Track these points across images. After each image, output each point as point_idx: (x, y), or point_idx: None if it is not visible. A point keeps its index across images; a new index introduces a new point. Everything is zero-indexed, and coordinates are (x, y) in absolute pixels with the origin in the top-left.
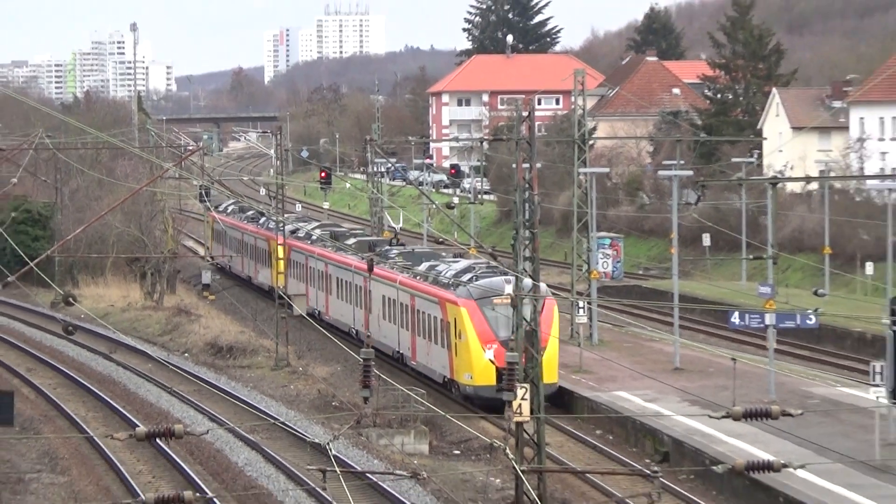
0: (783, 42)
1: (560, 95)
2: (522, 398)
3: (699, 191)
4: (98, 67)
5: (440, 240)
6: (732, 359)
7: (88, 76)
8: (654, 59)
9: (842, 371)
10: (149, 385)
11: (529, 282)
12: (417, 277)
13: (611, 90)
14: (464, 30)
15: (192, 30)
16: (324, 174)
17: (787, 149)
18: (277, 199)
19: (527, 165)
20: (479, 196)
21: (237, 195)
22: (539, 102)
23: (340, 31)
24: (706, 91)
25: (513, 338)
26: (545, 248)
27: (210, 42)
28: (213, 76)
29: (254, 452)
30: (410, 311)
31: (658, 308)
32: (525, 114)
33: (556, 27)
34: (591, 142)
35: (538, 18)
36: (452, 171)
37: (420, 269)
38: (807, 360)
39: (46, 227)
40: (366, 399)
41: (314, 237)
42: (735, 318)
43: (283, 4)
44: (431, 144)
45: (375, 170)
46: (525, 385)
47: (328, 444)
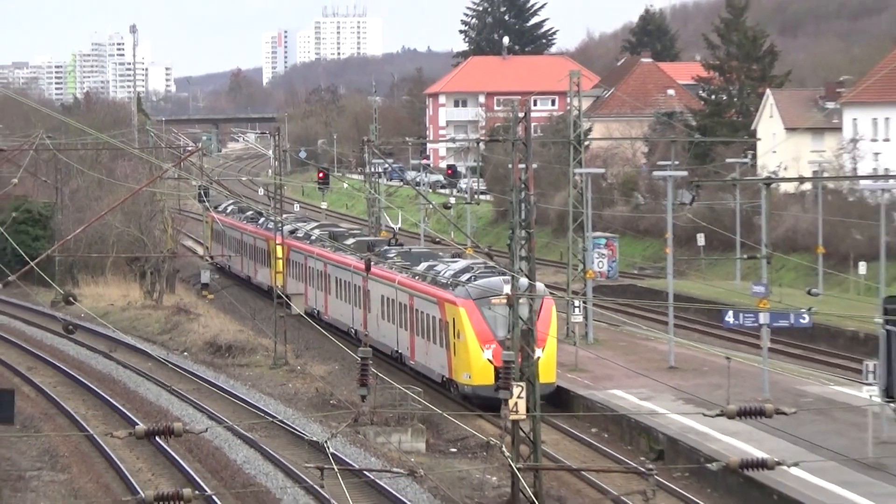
0: (777, 43)
1: (556, 96)
2: (518, 397)
3: (694, 191)
4: (98, 69)
5: (437, 239)
6: (727, 357)
7: (88, 77)
8: (649, 61)
9: (835, 370)
10: (148, 383)
11: (527, 282)
12: (416, 277)
13: (606, 91)
14: (460, 31)
15: (192, 31)
16: (322, 175)
17: (781, 149)
18: (276, 200)
19: (523, 166)
20: (476, 196)
21: (236, 195)
22: (535, 103)
23: (338, 33)
24: (701, 92)
25: (509, 337)
26: (541, 248)
27: (209, 44)
28: (212, 77)
29: (252, 450)
30: (409, 311)
31: (653, 307)
32: (521, 115)
33: (552, 29)
34: (587, 142)
35: (534, 20)
36: (449, 172)
37: (419, 269)
38: (800, 359)
39: (47, 227)
40: (363, 397)
41: (313, 237)
42: (729, 318)
43: (282, 6)
44: (428, 145)
45: (373, 170)
46: (521, 384)
47: (326, 442)
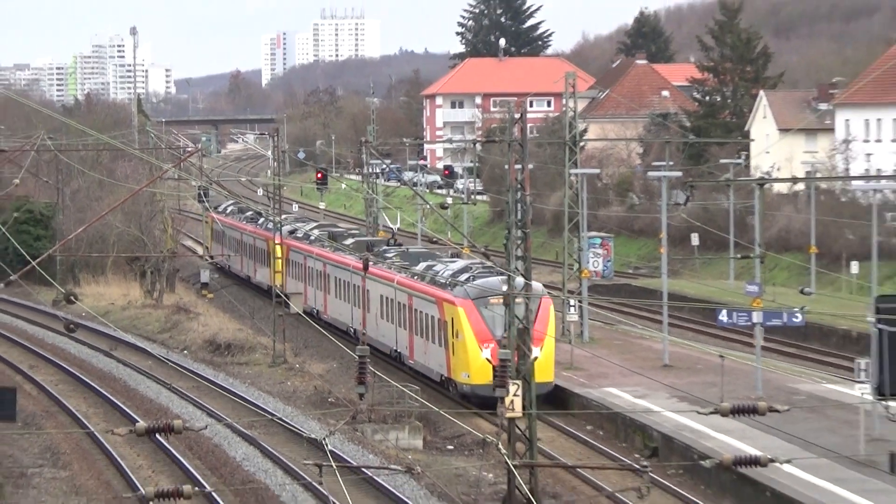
0: (770, 45)
1: (551, 98)
2: (514, 394)
3: (688, 191)
4: (98, 70)
5: (434, 239)
6: (720, 356)
7: (89, 79)
8: (644, 62)
9: (827, 368)
10: (149, 381)
11: (523, 281)
12: (415, 277)
13: (601, 93)
14: (457, 33)
15: (191, 34)
16: (320, 175)
17: (774, 150)
18: (275, 200)
19: (519, 166)
20: (473, 196)
21: (235, 196)
22: (531, 105)
23: (336, 35)
24: (695, 93)
25: (505, 335)
26: (537, 248)
27: (208, 45)
28: (212, 79)
29: (251, 447)
30: (408, 311)
31: (648, 306)
32: (517, 116)
33: (548, 31)
34: (582, 143)
35: (530, 22)
36: (446, 172)
37: (417, 269)
38: (793, 358)
39: (48, 227)
40: (361, 395)
41: (312, 237)
42: (723, 316)
43: (280, 9)
44: (425, 146)
45: (370, 171)
46: (517, 382)
47: (324, 440)
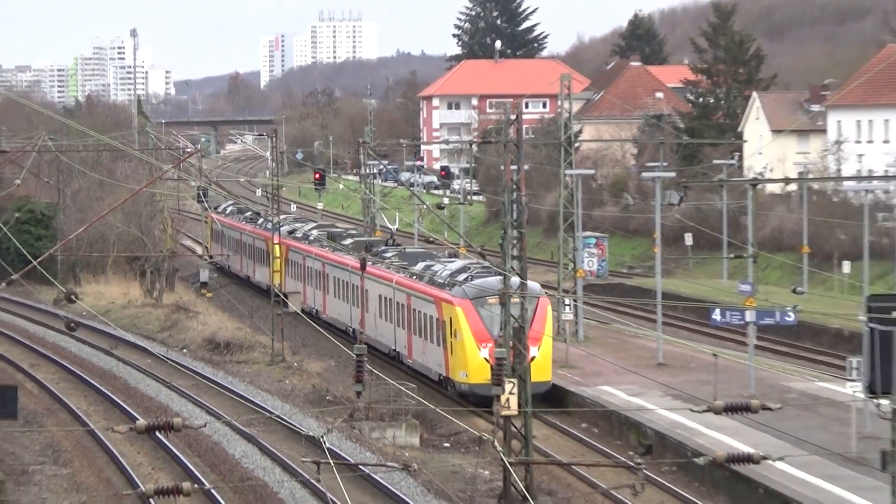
0: (763, 47)
1: (547, 99)
2: (510, 393)
3: (682, 192)
4: (99, 72)
5: (431, 239)
6: (714, 354)
7: (90, 80)
8: (638, 64)
9: (819, 366)
10: (148, 380)
11: (519, 280)
12: (413, 277)
13: (596, 94)
14: (454, 36)
15: (191, 36)
16: (318, 175)
17: (767, 151)
18: (273, 200)
19: (515, 167)
20: (469, 197)
21: (234, 196)
22: (526, 106)
23: (334, 37)
24: (688, 95)
25: (501, 334)
26: (532, 248)
27: (208, 47)
28: (211, 81)
29: (250, 445)
30: (407, 311)
31: (642, 305)
32: (513, 117)
33: (543, 33)
34: (577, 144)
35: (526, 25)
36: (442, 173)
37: (416, 269)
38: (786, 356)
39: (49, 227)
40: (358, 393)
41: (312, 237)
42: (716, 315)
43: (279, 11)
44: (422, 147)
45: (368, 171)
46: (513, 380)
47: (322, 437)
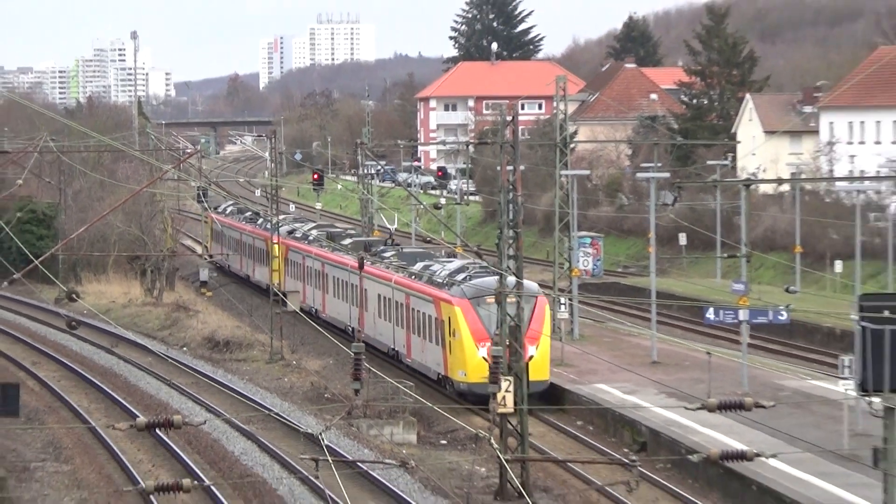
0: (756, 50)
1: (543, 101)
2: (507, 391)
3: (676, 192)
4: (100, 74)
5: (428, 239)
6: (707, 353)
7: (91, 82)
8: (633, 66)
9: (812, 365)
10: (149, 378)
11: (515, 280)
12: (412, 277)
13: (591, 96)
14: (450, 38)
15: (191, 38)
16: (316, 176)
17: (760, 152)
18: (272, 200)
19: (511, 168)
20: (465, 197)
21: (233, 196)
22: (522, 107)
23: (332, 39)
24: (682, 96)
25: (497, 332)
26: (528, 247)
27: (207, 49)
28: (211, 82)
29: (249, 442)
30: (406, 310)
31: (636, 304)
32: (509, 118)
33: (539, 35)
34: (573, 145)
35: (522, 27)
36: (439, 173)
37: (415, 269)
38: (779, 355)
39: (50, 227)
40: (356, 391)
41: (311, 237)
42: (710, 314)
43: (278, 13)
44: (419, 147)
45: (366, 172)
46: (509, 378)
47: (320, 435)
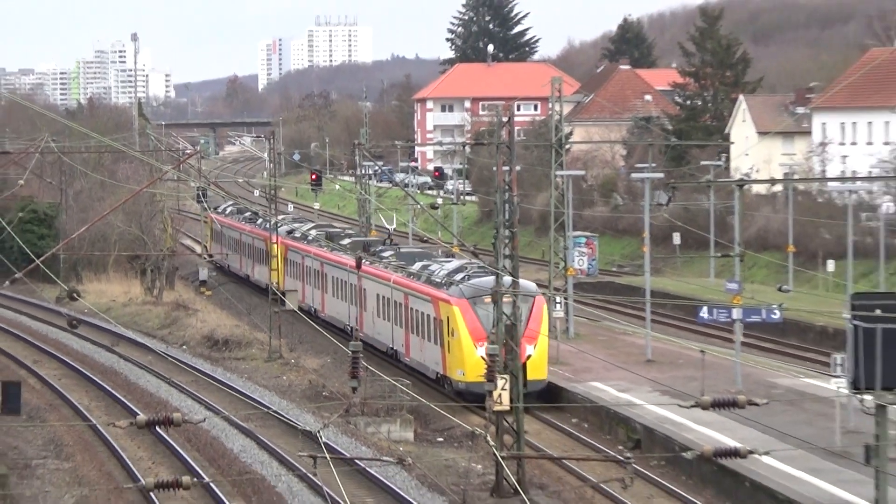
0: (749, 51)
1: (538, 102)
2: (503, 389)
3: (670, 192)
4: (100, 75)
5: (425, 238)
6: (701, 351)
7: (91, 83)
8: (628, 68)
9: (805, 363)
10: (149, 376)
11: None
12: (411, 276)
13: (586, 97)
14: (447, 40)
15: (190, 40)
16: (314, 176)
17: (753, 152)
18: (271, 201)
19: (507, 168)
20: (462, 197)
21: (233, 196)
22: (518, 108)
23: (330, 41)
24: (677, 98)
25: (493, 331)
26: (524, 247)
27: (207, 51)
28: (210, 84)
29: (248, 440)
30: (404, 310)
31: (631, 303)
32: (505, 119)
33: (535, 37)
34: (568, 146)
35: (517, 29)
36: (436, 174)
37: (413, 269)
38: (771, 353)
39: (52, 227)
40: (354, 389)
41: (310, 237)
42: (704, 313)
43: (276, 16)
44: (416, 148)
45: (363, 172)
46: (505, 376)
47: (318, 432)
